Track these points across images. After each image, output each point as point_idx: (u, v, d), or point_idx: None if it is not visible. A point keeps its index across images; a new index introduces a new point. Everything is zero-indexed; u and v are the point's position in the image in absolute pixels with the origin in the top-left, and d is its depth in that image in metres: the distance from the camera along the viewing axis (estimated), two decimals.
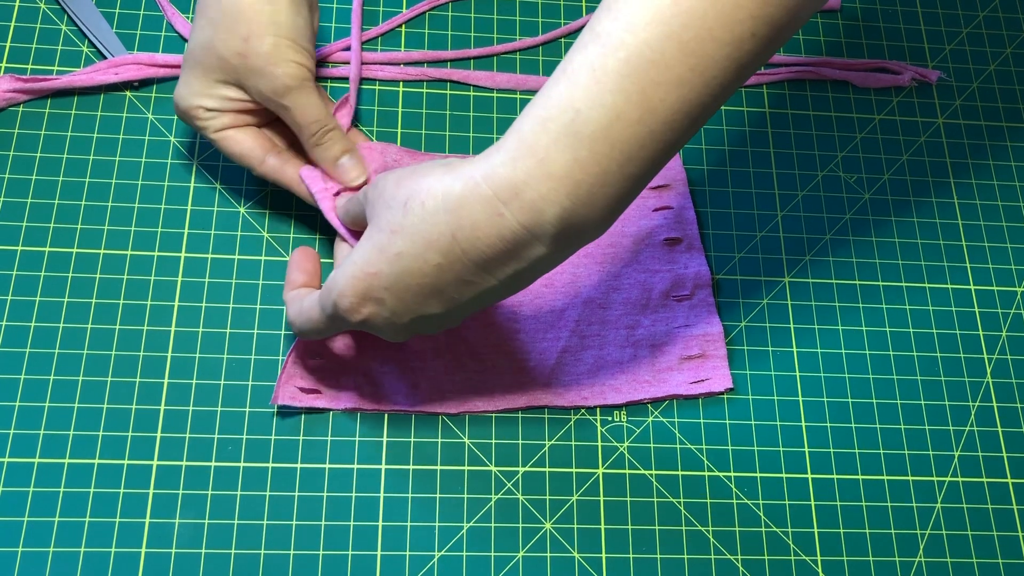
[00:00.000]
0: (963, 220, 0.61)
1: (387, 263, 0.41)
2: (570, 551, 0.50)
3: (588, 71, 0.38)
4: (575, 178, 0.38)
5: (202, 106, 0.51)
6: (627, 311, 0.54)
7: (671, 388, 0.53)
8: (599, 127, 0.38)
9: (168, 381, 0.51)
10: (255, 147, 0.52)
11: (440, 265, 0.41)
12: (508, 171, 0.39)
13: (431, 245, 0.40)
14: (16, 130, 0.56)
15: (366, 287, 0.42)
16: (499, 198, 0.39)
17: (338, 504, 0.50)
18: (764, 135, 0.61)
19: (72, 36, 0.59)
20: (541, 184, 0.38)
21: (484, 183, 0.39)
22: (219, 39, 0.49)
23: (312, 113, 0.50)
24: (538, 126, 0.38)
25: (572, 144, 0.38)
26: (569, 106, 0.38)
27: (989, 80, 0.65)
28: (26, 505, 0.48)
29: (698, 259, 0.56)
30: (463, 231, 0.40)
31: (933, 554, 0.52)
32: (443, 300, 0.42)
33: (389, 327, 0.44)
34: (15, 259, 0.53)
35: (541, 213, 0.39)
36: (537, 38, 0.62)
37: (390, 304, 0.43)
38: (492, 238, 0.39)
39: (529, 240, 0.40)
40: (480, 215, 0.39)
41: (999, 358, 0.57)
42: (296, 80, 0.49)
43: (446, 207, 0.40)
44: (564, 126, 0.38)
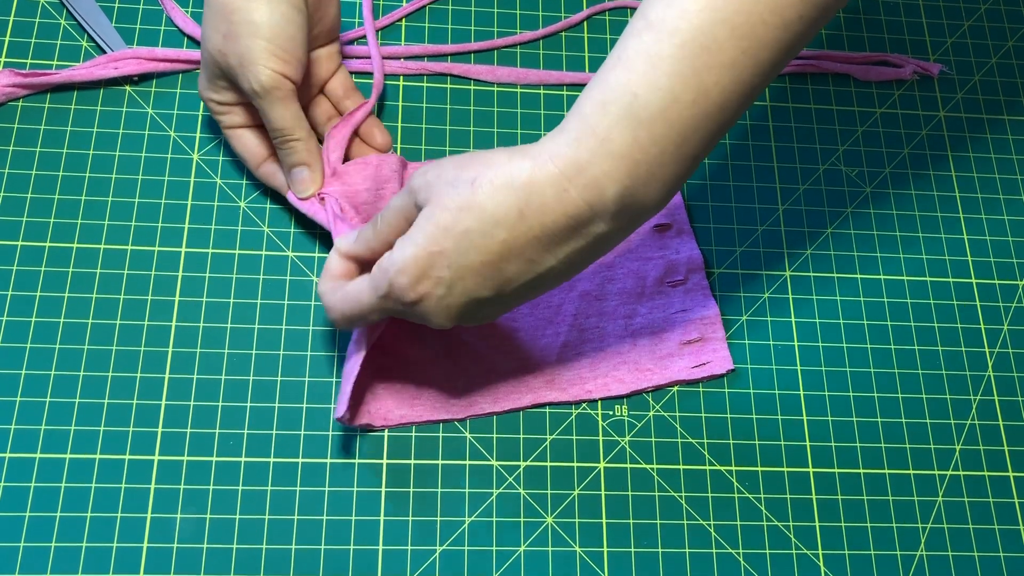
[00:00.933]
0: (965, 214, 0.60)
1: (452, 240, 0.42)
2: (572, 545, 0.50)
3: (644, 57, 0.40)
4: (634, 157, 0.40)
5: (212, 99, 0.52)
6: (623, 301, 0.54)
7: (674, 374, 0.53)
8: (656, 110, 0.40)
9: (169, 376, 0.51)
10: (255, 150, 0.53)
11: (505, 241, 0.42)
12: (572, 151, 0.41)
13: (499, 221, 0.41)
14: (15, 125, 0.56)
15: (428, 264, 0.43)
16: (565, 176, 0.41)
17: (340, 499, 0.50)
18: (765, 128, 0.61)
19: (71, 31, 0.59)
20: (603, 163, 0.40)
21: (551, 162, 0.41)
22: (207, 36, 0.50)
23: (277, 122, 0.51)
24: (599, 109, 0.40)
25: (631, 125, 0.40)
26: (627, 90, 0.40)
27: (991, 73, 0.65)
28: (28, 500, 0.48)
29: (689, 243, 0.56)
30: (531, 207, 0.41)
31: (934, 548, 0.52)
32: (500, 281, 0.43)
33: (441, 308, 0.44)
34: (15, 255, 0.53)
35: (603, 190, 0.41)
36: (537, 32, 0.62)
37: (448, 281, 0.43)
38: (557, 214, 0.41)
39: (591, 217, 0.41)
40: (547, 192, 0.41)
41: (1000, 351, 0.57)
42: (263, 89, 0.49)
43: (515, 184, 0.41)
44: (623, 108, 0.40)
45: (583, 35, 0.63)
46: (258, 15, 0.49)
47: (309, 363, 0.52)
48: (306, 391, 0.52)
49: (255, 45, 0.49)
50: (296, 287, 0.54)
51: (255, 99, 0.50)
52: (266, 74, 0.49)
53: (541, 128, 0.59)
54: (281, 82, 0.50)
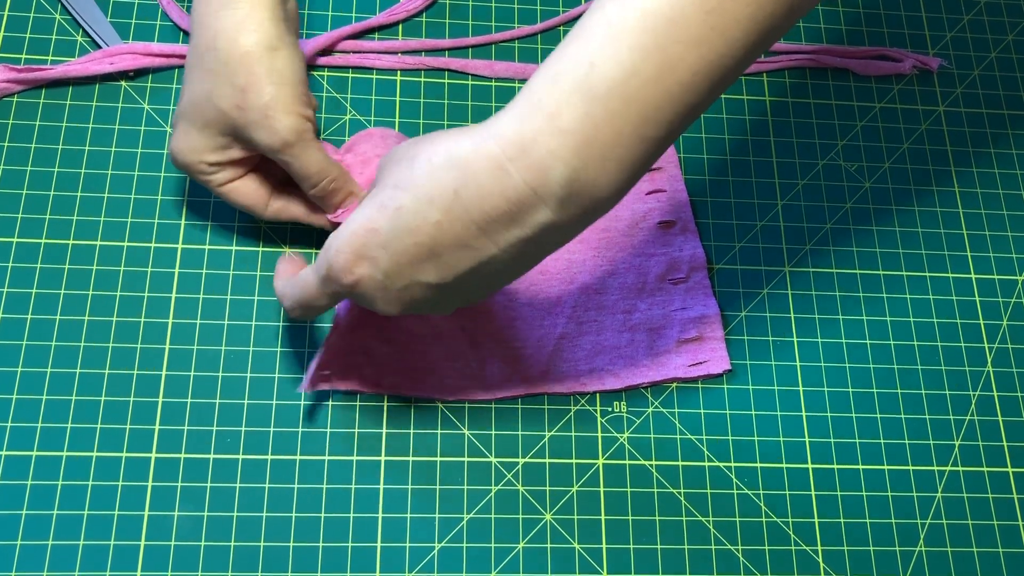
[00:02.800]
0: (964, 208, 0.60)
1: (386, 218, 0.40)
2: (570, 542, 0.50)
3: (604, 26, 0.37)
4: (586, 135, 0.37)
5: (204, 161, 0.49)
6: (623, 296, 0.54)
7: (670, 371, 0.53)
8: (614, 83, 0.36)
9: (166, 373, 0.51)
10: (258, 194, 0.51)
11: (439, 223, 0.39)
12: (516, 126, 0.37)
13: (432, 201, 0.39)
14: (11, 121, 0.55)
15: (362, 243, 0.41)
16: (505, 154, 0.38)
17: (338, 496, 0.50)
18: (764, 123, 0.61)
19: (66, 25, 0.58)
20: (550, 140, 0.37)
21: (491, 140, 0.38)
22: (217, 91, 0.47)
23: (313, 165, 0.49)
24: (549, 81, 0.37)
25: (584, 99, 0.36)
26: (584, 60, 0.37)
27: (990, 67, 0.65)
28: (24, 498, 0.48)
29: (692, 241, 0.56)
30: (467, 188, 0.38)
31: (934, 543, 0.52)
32: (439, 266, 0.40)
33: (381, 292, 0.42)
34: (11, 251, 0.53)
35: (548, 171, 0.37)
36: (535, 26, 0.62)
37: (384, 264, 0.41)
38: (495, 196, 0.38)
39: (534, 202, 0.38)
40: (484, 172, 0.38)
41: (1000, 347, 0.57)
42: (295, 134, 0.47)
43: (451, 163, 0.39)
44: (577, 81, 0.37)
45: None
46: (280, 62, 0.47)
47: (306, 360, 0.52)
48: None
49: (283, 93, 0.47)
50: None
51: (284, 149, 0.48)
52: (298, 121, 0.47)
53: None
54: (308, 125, 0.48)
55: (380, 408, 0.52)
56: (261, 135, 0.47)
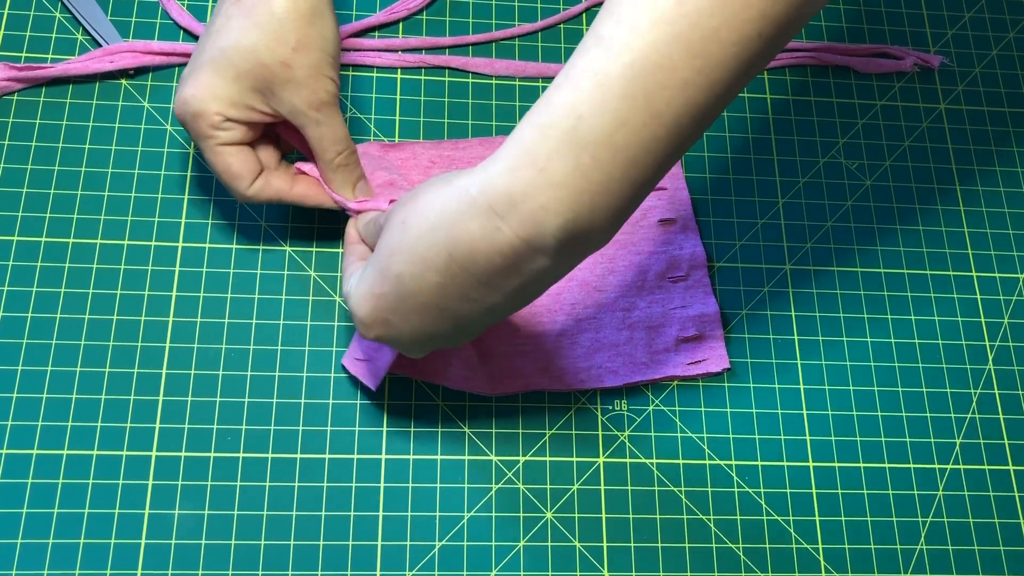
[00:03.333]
0: (965, 206, 0.60)
1: (390, 286, 0.41)
2: (571, 540, 0.50)
3: (591, 75, 0.36)
4: (577, 187, 0.37)
5: (221, 113, 0.48)
6: (623, 293, 0.54)
7: (668, 370, 0.53)
8: (603, 133, 0.36)
9: (166, 371, 0.51)
10: (251, 165, 0.50)
11: (441, 284, 0.40)
12: (506, 181, 0.37)
13: (429, 265, 0.39)
14: (11, 119, 0.55)
15: (373, 308, 0.42)
16: (495, 211, 0.37)
17: (338, 494, 0.49)
18: (765, 121, 0.61)
19: (66, 24, 0.58)
20: (541, 194, 0.37)
21: (480, 196, 0.38)
22: (264, 44, 0.47)
23: (340, 131, 0.50)
24: (538, 133, 0.37)
25: (574, 152, 0.36)
26: (571, 112, 0.36)
27: (992, 65, 0.64)
28: (25, 497, 0.48)
29: (693, 240, 0.56)
30: (459, 248, 0.38)
31: (935, 542, 0.52)
32: (449, 318, 0.41)
33: (401, 345, 0.44)
34: (11, 249, 0.53)
35: (541, 225, 0.37)
36: (536, 24, 0.62)
37: (398, 325, 0.42)
38: (491, 253, 0.38)
39: (530, 254, 0.38)
40: (476, 230, 0.38)
41: (1001, 345, 0.57)
42: (331, 96, 0.49)
43: (441, 224, 0.39)
44: (565, 133, 0.36)
45: (582, 27, 0.62)
46: (327, 29, 0.48)
47: (307, 358, 0.52)
48: (304, 386, 0.51)
49: (325, 59, 0.48)
50: (294, 281, 0.54)
51: (320, 109, 0.48)
52: (331, 85, 0.49)
53: None
54: (338, 91, 0.50)
55: (381, 406, 0.52)
56: (300, 94, 0.48)
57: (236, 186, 0.50)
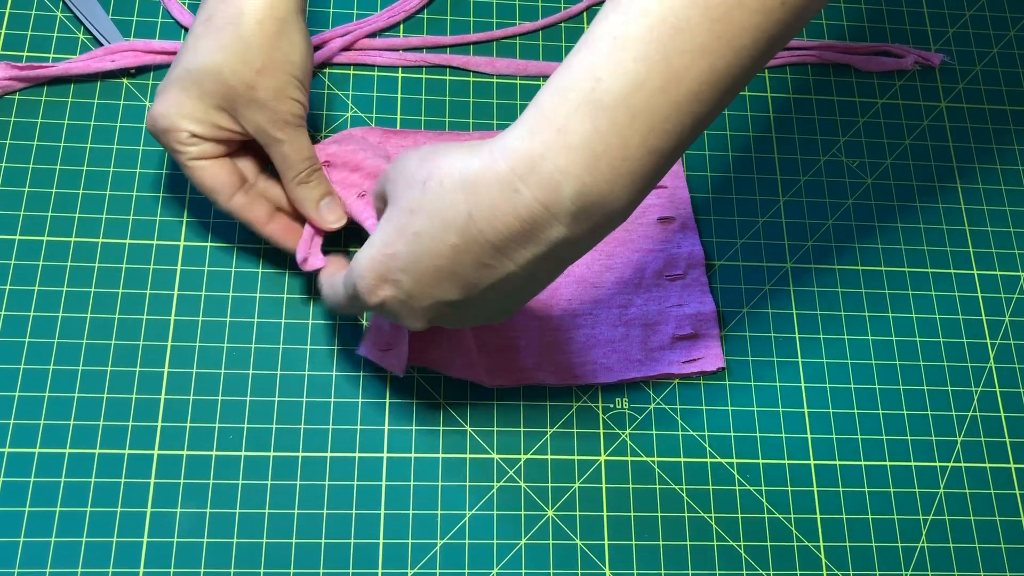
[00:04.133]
0: (966, 204, 0.60)
1: (405, 243, 0.41)
2: (572, 538, 0.50)
3: (610, 39, 0.36)
4: (594, 149, 0.37)
5: (188, 130, 0.48)
6: (620, 290, 0.54)
7: (663, 367, 0.53)
8: (620, 95, 0.36)
9: (168, 370, 0.51)
10: (226, 182, 0.50)
11: (457, 246, 0.39)
12: (525, 144, 0.37)
13: (448, 225, 0.39)
14: (12, 118, 0.55)
15: (384, 268, 0.41)
16: (515, 173, 0.38)
17: (339, 493, 0.50)
18: (766, 119, 0.61)
19: (68, 23, 0.58)
20: (559, 156, 0.37)
21: (501, 158, 0.38)
22: (229, 66, 0.47)
23: (303, 151, 0.50)
24: (557, 96, 0.37)
25: (592, 113, 0.36)
26: (590, 74, 0.37)
27: (992, 63, 0.64)
28: (27, 495, 0.48)
29: (691, 238, 0.56)
30: (479, 209, 0.38)
31: (936, 540, 0.52)
32: (460, 284, 0.41)
33: (406, 311, 0.43)
34: (13, 248, 0.53)
35: (558, 188, 0.37)
36: (537, 22, 0.62)
37: (407, 286, 0.41)
38: (508, 216, 0.38)
39: (547, 219, 0.38)
40: (496, 192, 0.38)
41: (1002, 343, 0.57)
42: (295, 118, 0.49)
43: (463, 185, 0.39)
44: (584, 95, 0.36)
45: (583, 26, 0.62)
46: (295, 53, 0.48)
47: (309, 357, 0.52)
48: (306, 385, 0.51)
49: (292, 81, 0.48)
50: (295, 280, 0.54)
51: (283, 130, 0.49)
52: (296, 107, 0.49)
53: None
54: (304, 112, 0.50)
55: (382, 404, 0.52)
56: (263, 115, 0.48)
57: (215, 200, 0.50)
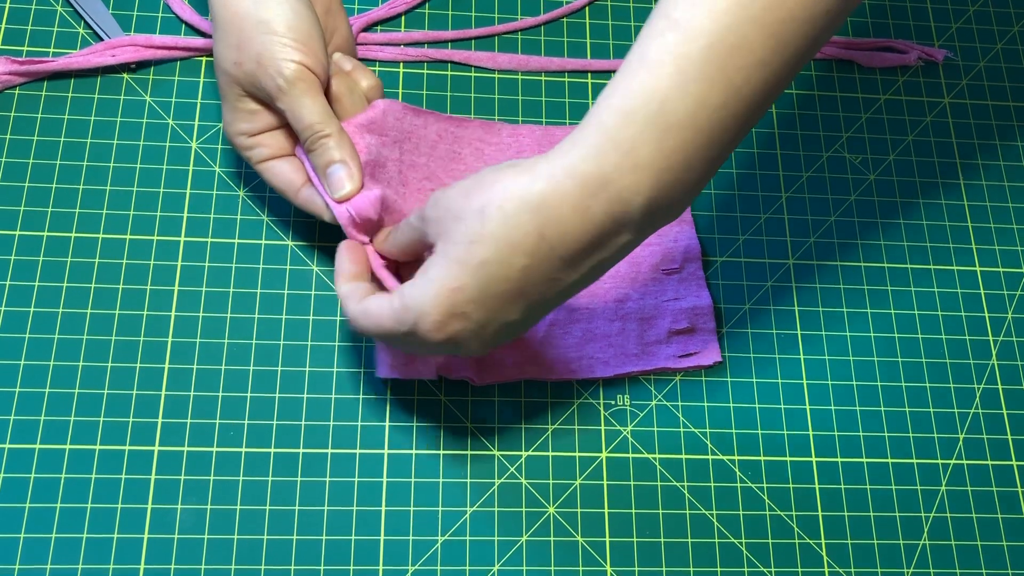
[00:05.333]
0: (969, 201, 0.60)
1: (470, 275, 0.41)
2: (574, 535, 0.50)
3: (670, 59, 0.38)
4: (660, 167, 0.39)
5: (238, 131, 0.50)
6: (616, 284, 0.54)
7: (660, 361, 0.53)
8: (685, 115, 0.38)
9: (169, 366, 0.51)
10: (291, 177, 0.50)
11: (527, 267, 0.40)
12: (593, 166, 0.39)
13: (516, 248, 0.40)
14: (12, 113, 0.55)
15: (450, 303, 0.41)
16: (587, 192, 0.39)
17: (340, 489, 0.49)
18: (768, 115, 0.61)
19: (68, 17, 0.58)
20: (627, 176, 0.39)
21: (567, 180, 0.39)
22: (220, 55, 0.48)
23: (305, 117, 0.48)
24: (621, 118, 0.39)
25: (658, 135, 0.38)
26: (653, 97, 0.38)
27: (996, 59, 0.64)
28: (27, 491, 0.48)
29: (688, 232, 0.56)
30: (550, 228, 0.40)
31: (937, 537, 0.52)
32: (527, 303, 0.42)
33: (475, 340, 0.43)
34: (13, 244, 0.53)
35: (628, 203, 0.39)
36: (539, 18, 0.62)
37: (476, 317, 0.42)
38: (579, 232, 0.40)
39: (615, 230, 0.40)
40: (568, 211, 0.39)
41: (1004, 340, 0.57)
42: (288, 82, 0.47)
43: (528, 207, 0.40)
44: (649, 117, 0.38)
45: (585, 21, 0.62)
46: (267, 12, 0.47)
47: (309, 352, 0.52)
48: (306, 381, 0.51)
49: (270, 41, 0.47)
50: (296, 276, 0.54)
51: (280, 99, 0.47)
52: (288, 67, 0.47)
53: (542, 116, 0.59)
54: (304, 73, 0.47)
55: (383, 401, 0.52)
56: (264, 84, 0.48)
57: (286, 196, 0.51)
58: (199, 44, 0.57)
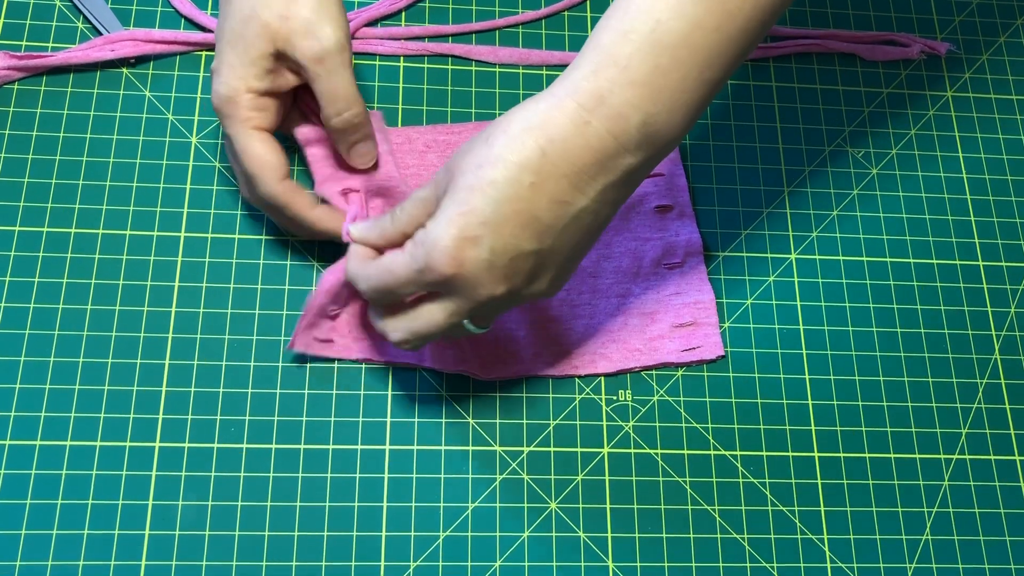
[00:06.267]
0: (972, 195, 0.60)
1: (480, 196, 0.41)
2: (575, 531, 0.50)
3: None
4: (656, 84, 0.41)
5: (246, 87, 0.48)
6: (618, 279, 0.54)
7: (662, 356, 0.53)
8: (680, 35, 0.40)
9: (169, 362, 0.51)
10: (281, 160, 0.49)
11: (534, 184, 0.41)
12: (591, 82, 0.41)
13: (522, 165, 0.41)
14: (11, 108, 0.55)
15: (462, 226, 0.41)
16: (584, 108, 0.41)
17: (342, 484, 0.49)
18: (771, 109, 0.60)
19: (67, 12, 0.58)
20: (624, 91, 0.40)
21: (567, 97, 0.41)
22: (263, 4, 0.48)
23: (344, 88, 0.49)
24: (619, 37, 0.41)
25: (654, 52, 0.40)
26: (649, 16, 0.40)
27: (999, 52, 0.64)
28: (28, 488, 0.48)
29: (689, 226, 0.55)
30: (552, 144, 0.41)
31: (940, 532, 0.52)
32: (539, 229, 0.42)
33: (487, 272, 0.42)
34: (13, 240, 0.52)
35: (626, 119, 0.41)
36: (540, 11, 0.61)
37: (488, 240, 0.41)
38: (581, 148, 0.41)
39: (616, 149, 0.41)
40: (567, 127, 0.41)
41: (1007, 335, 0.57)
42: (337, 46, 0.48)
43: (532, 125, 0.41)
44: (645, 36, 0.40)
45: (586, 14, 0.62)
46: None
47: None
48: (307, 377, 0.51)
49: (323, 7, 0.48)
50: (297, 272, 0.53)
51: (324, 59, 0.48)
52: (340, 35, 0.48)
53: None
54: (347, 43, 0.49)
55: (384, 397, 0.51)
56: (306, 43, 0.48)
57: (266, 176, 0.49)
58: (199, 39, 0.57)
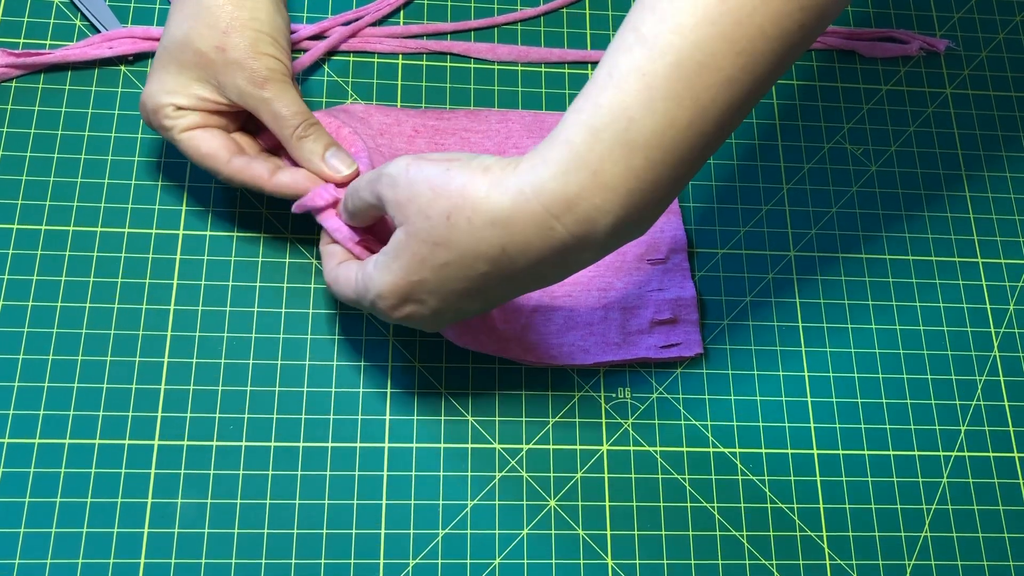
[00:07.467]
0: (970, 192, 0.60)
1: (431, 272, 0.42)
2: (575, 528, 0.50)
3: (638, 76, 0.38)
4: (629, 187, 0.38)
5: (172, 103, 0.49)
6: (600, 273, 0.54)
7: (641, 351, 0.53)
8: (653, 135, 0.38)
9: (168, 360, 0.51)
10: (221, 147, 0.49)
11: (487, 273, 0.42)
12: (560, 185, 0.39)
13: (479, 257, 0.41)
14: (9, 106, 0.55)
15: (408, 291, 0.43)
16: (551, 213, 0.39)
17: (341, 482, 0.49)
18: (769, 107, 0.60)
19: (64, 9, 0.58)
20: (595, 196, 0.39)
21: (534, 198, 0.39)
22: (197, 33, 0.48)
23: (292, 105, 0.49)
24: (590, 136, 0.38)
25: (627, 154, 0.38)
26: (622, 115, 0.38)
27: (998, 49, 0.64)
28: (27, 486, 0.48)
29: (674, 223, 0.55)
30: (514, 244, 0.40)
31: (939, 529, 0.52)
32: (485, 300, 0.44)
33: (428, 323, 0.45)
34: (11, 238, 0.52)
35: (594, 223, 0.39)
36: (538, 8, 0.61)
37: (432, 304, 0.44)
38: (543, 250, 0.40)
39: (579, 248, 0.40)
40: (532, 230, 0.40)
41: (1006, 331, 0.57)
42: (275, 73, 0.49)
43: (494, 222, 0.40)
44: (617, 135, 0.38)
45: (585, 11, 0.62)
46: (261, 11, 0.49)
47: (309, 346, 0.52)
48: (307, 374, 0.51)
49: (260, 37, 0.49)
50: (295, 269, 0.53)
51: (264, 86, 0.48)
52: (273, 62, 0.49)
53: (542, 107, 0.59)
54: (286, 70, 0.50)
55: (384, 395, 0.51)
56: (240, 75, 0.48)
57: (213, 165, 0.49)
58: None
